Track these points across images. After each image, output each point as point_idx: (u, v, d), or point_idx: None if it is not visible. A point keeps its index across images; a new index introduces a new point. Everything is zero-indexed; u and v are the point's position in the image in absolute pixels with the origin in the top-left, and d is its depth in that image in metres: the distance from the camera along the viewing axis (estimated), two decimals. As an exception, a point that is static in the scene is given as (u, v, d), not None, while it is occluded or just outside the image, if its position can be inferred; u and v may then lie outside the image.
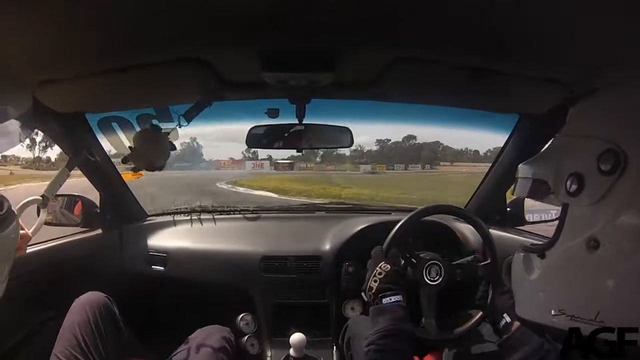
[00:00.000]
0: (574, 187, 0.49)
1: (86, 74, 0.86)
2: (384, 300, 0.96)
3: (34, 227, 0.92)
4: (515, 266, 0.62)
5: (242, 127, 1.25)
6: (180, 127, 1.05)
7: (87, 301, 1.08)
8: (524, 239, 1.37)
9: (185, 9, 0.64)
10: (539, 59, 0.78)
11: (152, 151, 1.03)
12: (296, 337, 1.09)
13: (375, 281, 1.00)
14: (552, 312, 0.51)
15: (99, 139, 1.32)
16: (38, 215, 0.98)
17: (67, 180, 1.05)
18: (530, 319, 0.57)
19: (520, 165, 0.65)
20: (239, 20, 0.69)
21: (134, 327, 1.18)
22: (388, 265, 1.02)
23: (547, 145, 0.67)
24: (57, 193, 1.07)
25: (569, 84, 0.86)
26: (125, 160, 1.03)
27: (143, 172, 1.12)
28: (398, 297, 0.96)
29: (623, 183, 0.45)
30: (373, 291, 0.99)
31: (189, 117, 1.04)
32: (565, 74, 0.83)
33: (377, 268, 1.02)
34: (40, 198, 0.98)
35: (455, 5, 0.61)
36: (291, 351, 1.10)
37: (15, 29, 0.63)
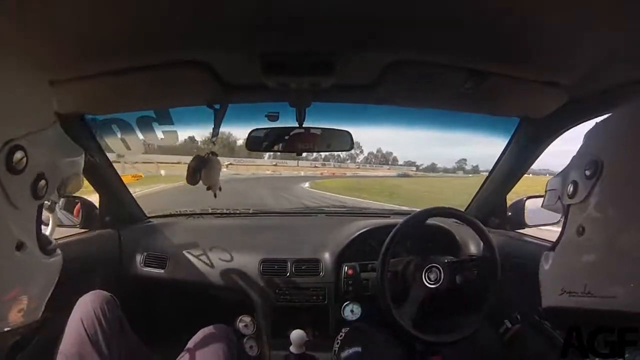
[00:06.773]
0: (571, 190, 0.62)
1: (87, 75, 0.86)
2: (342, 355, 1.17)
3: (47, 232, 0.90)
4: (541, 265, 0.72)
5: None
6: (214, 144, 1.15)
7: (92, 299, 1.07)
8: (524, 242, 1.36)
9: (187, 12, 0.64)
10: (539, 61, 0.78)
11: (216, 172, 1.16)
12: (296, 333, 1.11)
13: (337, 343, 1.24)
14: (557, 293, 0.61)
15: (98, 140, 1.32)
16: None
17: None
18: (546, 306, 0.65)
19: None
20: (240, 23, 0.69)
21: (133, 328, 1.17)
22: (348, 328, 1.28)
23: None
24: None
25: (569, 87, 0.86)
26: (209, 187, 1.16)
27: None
28: (356, 349, 1.15)
29: (599, 185, 0.57)
30: (335, 352, 1.22)
31: (214, 133, 1.12)
32: (565, 77, 0.83)
33: (341, 333, 1.28)
34: (48, 202, 0.97)
35: (455, 8, 0.62)
36: (291, 347, 1.11)
37: (15, 30, 0.63)
